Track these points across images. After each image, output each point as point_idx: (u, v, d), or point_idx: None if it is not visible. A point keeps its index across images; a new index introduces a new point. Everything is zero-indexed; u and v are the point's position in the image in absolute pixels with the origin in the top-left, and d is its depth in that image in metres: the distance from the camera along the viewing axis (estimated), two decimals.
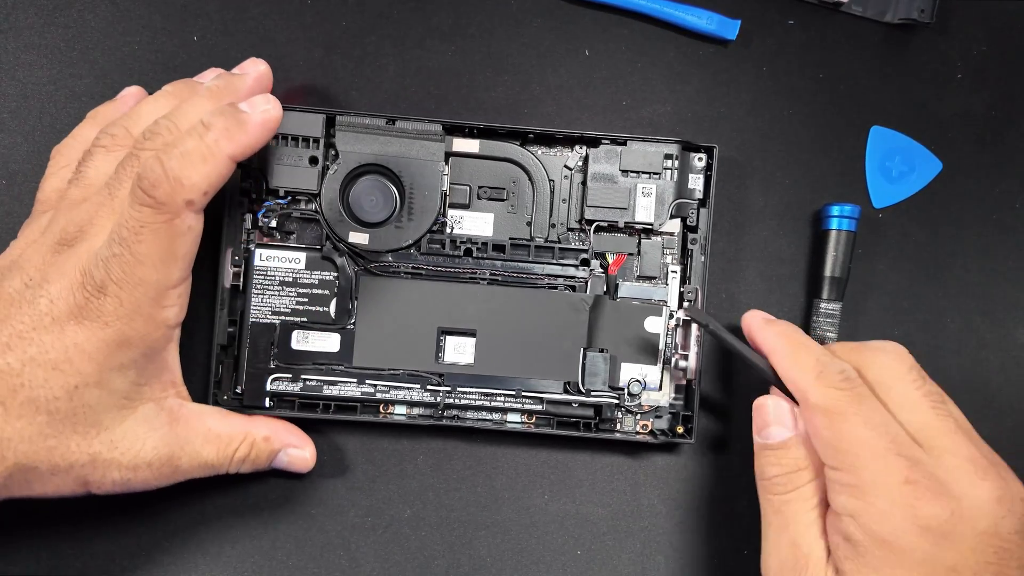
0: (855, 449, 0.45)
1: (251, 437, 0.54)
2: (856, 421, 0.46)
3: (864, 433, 0.45)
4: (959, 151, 0.61)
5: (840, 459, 0.46)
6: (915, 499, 0.43)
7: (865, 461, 0.45)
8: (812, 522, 0.48)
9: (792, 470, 0.49)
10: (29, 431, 0.46)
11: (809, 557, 0.47)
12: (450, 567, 0.58)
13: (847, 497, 0.45)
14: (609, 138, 0.57)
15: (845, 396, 0.47)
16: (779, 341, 0.51)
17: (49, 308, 0.46)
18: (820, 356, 0.49)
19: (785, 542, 0.49)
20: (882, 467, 0.44)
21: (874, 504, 0.44)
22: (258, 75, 0.55)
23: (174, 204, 0.46)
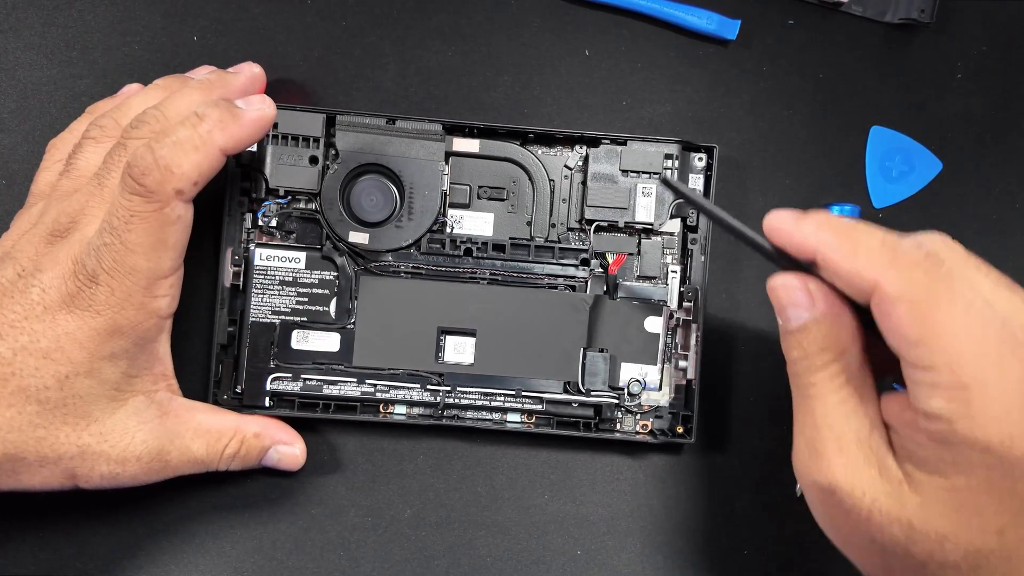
0: (955, 344, 0.37)
1: (241, 433, 0.54)
2: (953, 308, 0.37)
3: (966, 321, 0.37)
4: (959, 151, 0.61)
5: (934, 357, 0.37)
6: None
7: (971, 357, 0.37)
8: (842, 401, 0.42)
9: (814, 351, 0.43)
10: (19, 420, 0.47)
11: (842, 437, 0.42)
12: (450, 567, 0.58)
13: (943, 401, 0.37)
14: (609, 138, 0.57)
15: (936, 275, 0.38)
16: (823, 232, 0.42)
17: (41, 297, 0.47)
18: (884, 235, 0.41)
19: (810, 424, 0.43)
20: (994, 363, 0.37)
21: (983, 408, 0.36)
22: (252, 75, 0.56)
23: (163, 192, 0.46)
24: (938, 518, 0.39)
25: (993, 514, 0.38)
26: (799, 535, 0.59)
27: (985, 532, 0.38)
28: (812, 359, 0.43)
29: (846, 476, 0.41)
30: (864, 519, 0.40)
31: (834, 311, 0.43)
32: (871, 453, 0.41)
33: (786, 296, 0.43)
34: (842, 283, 0.41)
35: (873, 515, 0.40)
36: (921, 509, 0.39)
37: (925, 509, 0.39)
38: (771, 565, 0.59)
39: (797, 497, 0.58)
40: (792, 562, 0.59)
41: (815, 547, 0.59)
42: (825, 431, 0.42)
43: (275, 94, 0.57)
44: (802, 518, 0.58)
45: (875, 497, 0.40)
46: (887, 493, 0.40)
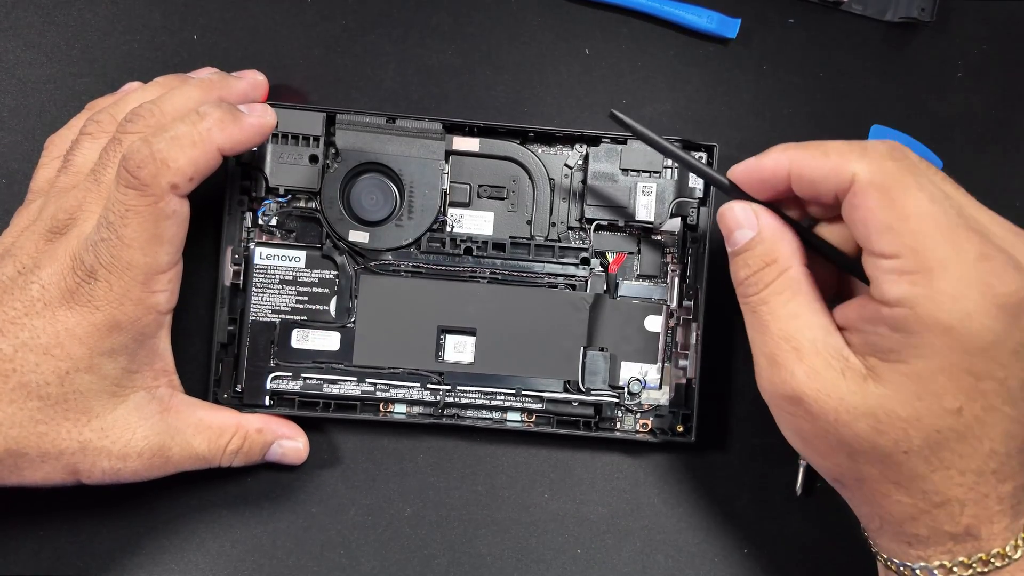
0: (921, 227, 0.40)
1: (243, 429, 0.54)
2: (920, 195, 0.40)
3: (930, 208, 0.40)
4: (959, 150, 0.61)
5: (900, 242, 0.40)
6: (992, 275, 0.39)
7: (934, 240, 0.40)
8: (795, 313, 0.45)
9: (759, 267, 0.46)
10: (20, 416, 0.47)
11: (799, 347, 0.44)
12: (450, 566, 0.58)
13: (906, 285, 0.40)
14: (609, 137, 0.57)
15: (903, 167, 0.41)
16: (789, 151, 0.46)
17: (41, 294, 0.47)
18: (847, 142, 0.44)
19: (768, 340, 0.45)
20: (953, 243, 0.40)
21: (943, 288, 0.39)
22: (255, 81, 0.56)
23: (158, 186, 0.46)
24: (902, 405, 0.41)
25: (952, 394, 0.40)
26: (799, 534, 0.59)
27: (945, 413, 0.41)
28: (759, 275, 0.46)
29: (809, 382, 0.43)
30: (832, 421, 0.43)
31: (776, 228, 0.46)
32: (830, 356, 0.43)
33: (732, 218, 0.47)
34: (816, 188, 0.44)
35: (840, 415, 0.42)
36: (885, 399, 0.41)
37: (889, 399, 0.41)
38: (771, 564, 0.59)
39: (797, 496, 0.58)
40: (792, 561, 0.59)
41: (815, 546, 0.59)
42: (782, 343, 0.44)
43: (275, 93, 0.58)
44: (802, 516, 0.58)
45: (840, 396, 0.42)
46: (851, 391, 0.42)
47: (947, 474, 0.42)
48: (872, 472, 0.43)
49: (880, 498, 0.44)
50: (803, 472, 0.58)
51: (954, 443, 0.41)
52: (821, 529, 0.59)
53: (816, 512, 0.59)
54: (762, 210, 0.47)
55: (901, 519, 0.44)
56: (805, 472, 0.58)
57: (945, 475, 0.42)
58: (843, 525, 0.58)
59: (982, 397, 0.40)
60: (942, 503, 0.42)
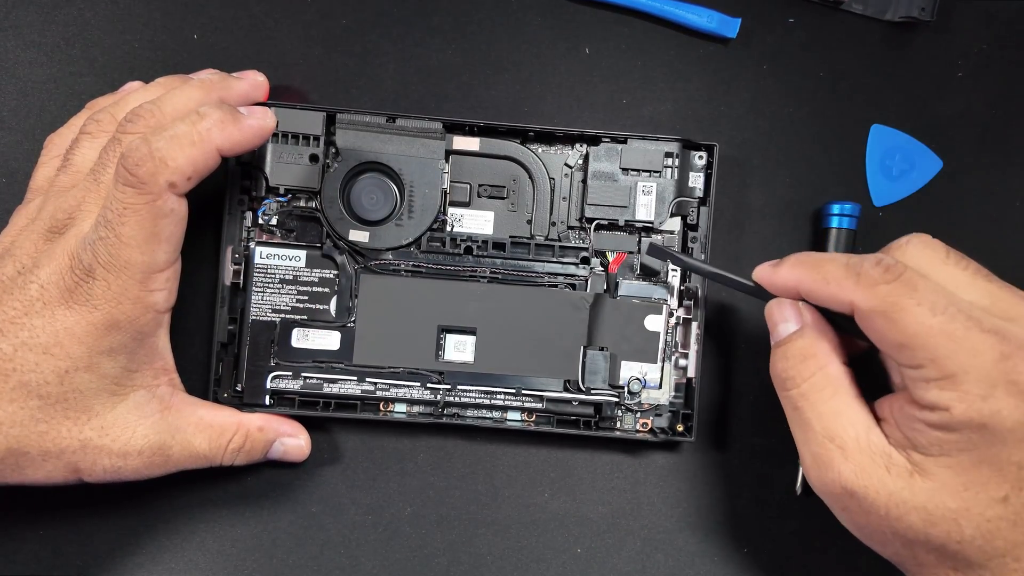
0: (931, 341, 0.41)
1: (245, 427, 0.54)
2: (919, 311, 0.42)
3: (934, 321, 0.41)
4: (959, 149, 0.61)
5: (917, 356, 0.42)
6: (1016, 373, 0.40)
7: (947, 350, 0.41)
8: (837, 410, 0.46)
9: (798, 360, 0.48)
10: (21, 415, 0.47)
11: (844, 445, 0.45)
12: (450, 565, 0.58)
13: (937, 391, 0.41)
14: (609, 136, 0.57)
15: (896, 288, 0.43)
16: (796, 270, 0.48)
17: (40, 293, 0.47)
18: (848, 260, 0.45)
19: (811, 437, 0.46)
20: (968, 350, 0.41)
21: (969, 390, 0.41)
22: (255, 82, 0.56)
23: (156, 184, 0.46)
24: (950, 497, 0.42)
25: (996, 483, 0.41)
26: (799, 533, 0.59)
27: (992, 501, 0.41)
28: (798, 368, 0.47)
29: (858, 480, 0.44)
30: (883, 515, 0.44)
31: (818, 325, 0.48)
32: (875, 453, 0.44)
33: (778, 313, 0.49)
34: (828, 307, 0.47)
35: (891, 509, 0.43)
36: (934, 493, 0.42)
37: (937, 492, 0.42)
38: (771, 563, 0.59)
39: (797, 495, 0.58)
40: (792, 560, 0.59)
41: (815, 545, 0.59)
42: (827, 442, 0.46)
43: (275, 93, 0.58)
44: (802, 516, 0.58)
45: (889, 492, 0.43)
46: (899, 487, 0.43)
47: (1002, 561, 0.42)
48: (930, 559, 0.44)
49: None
50: (803, 472, 0.58)
51: (1007, 531, 0.42)
52: (821, 529, 0.59)
53: (816, 512, 0.59)
54: (807, 308, 0.48)
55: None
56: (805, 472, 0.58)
57: (1001, 563, 0.42)
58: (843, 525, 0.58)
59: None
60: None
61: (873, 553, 0.50)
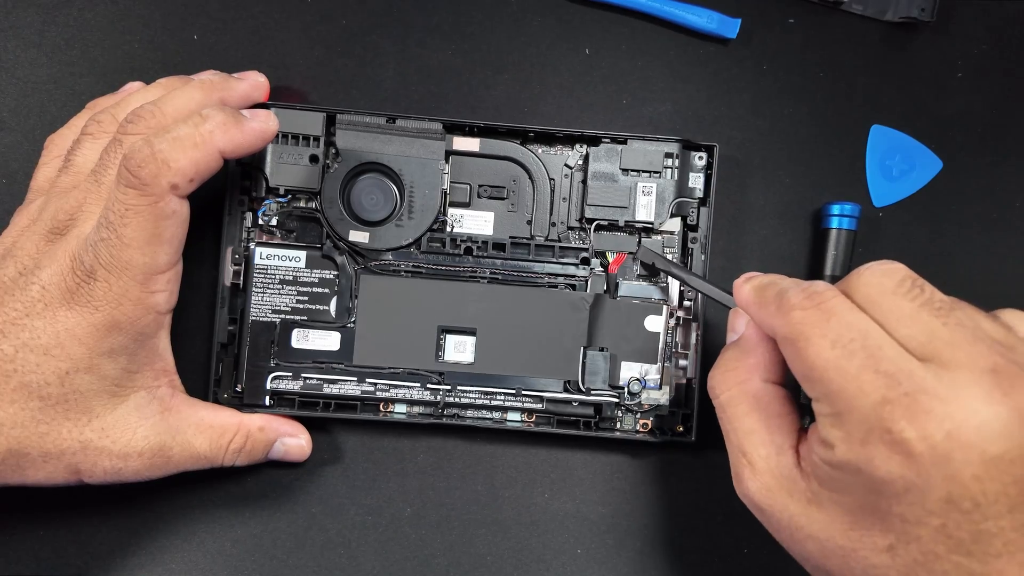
0: (826, 375, 0.40)
1: (245, 428, 0.54)
2: (821, 343, 0.40)
3: (831, 354, 0.40)
4: (959, 150, 0.61)
5: (815, 388, 0.41)
6: (891, 422, 0.37)
7: (837, 386, 0.39)
8: (750, 429, 0.46)
9: (721, 371, 0.48)
10: (22, 416, 0.47)
11: (753, 463, 0.45)
12: (450, 565, 0.58)
13: (828, 427, 0.40)
14: (610, 137, 0.57)
15: (808, 316, 0.41)
16: (748, 292, 0.47)
17: (41, 295, 0.47)
18: (784, 284, 0.45)
19: (729, 449, 0.47)
20: (855, 389, 0.39)
21: (851, 431, 0.39)
22: (256, 83, 0.56)
23: (158, 186, 0.46)
24: (839, 534, 0.41)
25: (880, 532, 0.39)
26: None
27: (877, 549, 0.40)
28: (720, 379, 0.48)
29: (763, 497, 0.45)
30: (788, 535, 0.44)
31: (751, 340, 0.48)
32: (782, 475, 0.44)
33: (730, 322, 0.50)
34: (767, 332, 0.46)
35: (792, 532, 0.43)
36: (825, 526, 0.42)
37: (828, 526, 0.41)
38: (771, 563, 0.59)
39: None
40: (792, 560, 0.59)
41: None
42: (740, 456, 0.46)
43: (275, 94, 0.58)
44: None
45: (791, 516, 0.43)
46: (799, 512, 0.43)
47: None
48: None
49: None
50: None
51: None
52: None
53: None
54: (751, 323, 0.48)
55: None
56: None
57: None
58: None
59: (916, 541, 0.38)
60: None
61: None
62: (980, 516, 0.37)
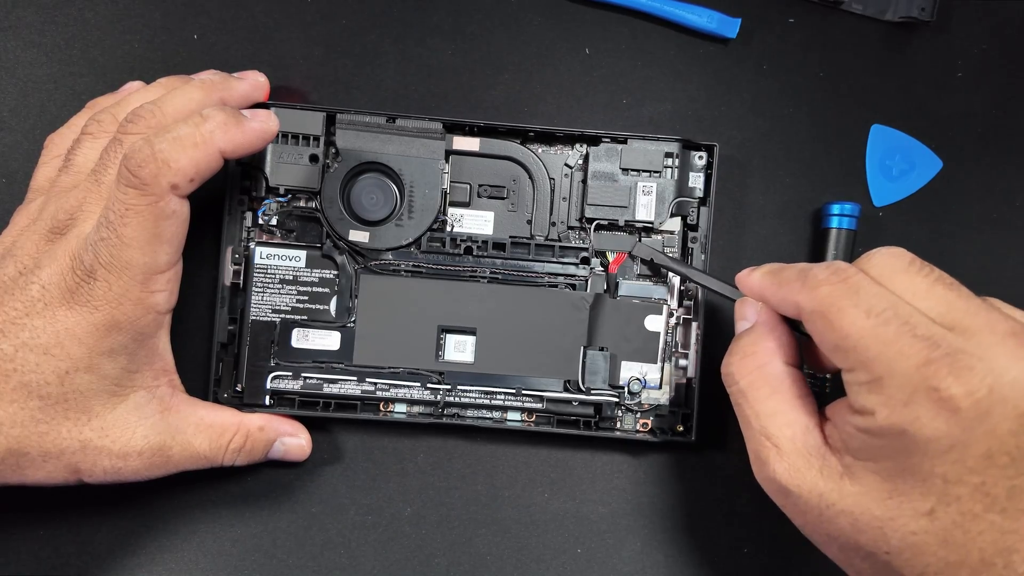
0: (862, 343, 0.41)
1: (245, 427, 0.54)
2: (855, 313, 0.41)
3: (867, 323, 0.41)
4: (959, 149, 0.61)
5: (850, 358, 0.42)
6: (937, 380, 0.38)
7: (875, 352, 0.40)
8: (774, 410, 0.46)
9: (740, 357, 0.48)
10: (21, 416, 0.47)
11: (779, 444, 0.45)
12: (450, 565, 0.58)
13: (865, 394, 0.41)
14: (609, 136, 0.57)
15: (837, 290, 0.43)
16: (764, 277, 0.48)
17: (41, 294, 0.47)
18: (802, 266, 0.46)
19: (751, 435, 0.47)
20: (895, 353, 0.40)
21: (893, 395, 0.40)
22: (256, 83, 0.56)
23: (158, 186, 0.46)
24: (876, 505, 0.41)
25: (921, 495, 0.40)
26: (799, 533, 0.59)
27: (917, 514, 0.40)
28: (739, 364, 0.48)
29: (791, 479, 0.45)
30: (816, 516, 0.44)
31: (769, 325, 0.49)
32: (810, 454, 0.45)
33: (739, 311, 0.50)
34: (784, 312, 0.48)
35: (822, 511, 0.43)
36: (861, 498, 0.42)
37: (864, 497, 0.42)
38: (771, 563, 0.59)
39: None
40: (792, 561, 0.59)
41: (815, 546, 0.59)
42: (764, 440, 0.46)
43: (275, 93, 0.58)
44: None
45: (820, 494, 0.43)
46: (830, 488, 0.43)
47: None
48: (865, 568, 0.44)
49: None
50: None
51: (936, 548, 0.40)
52: None
53: None
54: (764, 308, 0.49)
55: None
56: None
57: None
58: None
59: (956, 502, 0.39)
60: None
61: None
62: (1015, 471, 0.38)
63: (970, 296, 0.42)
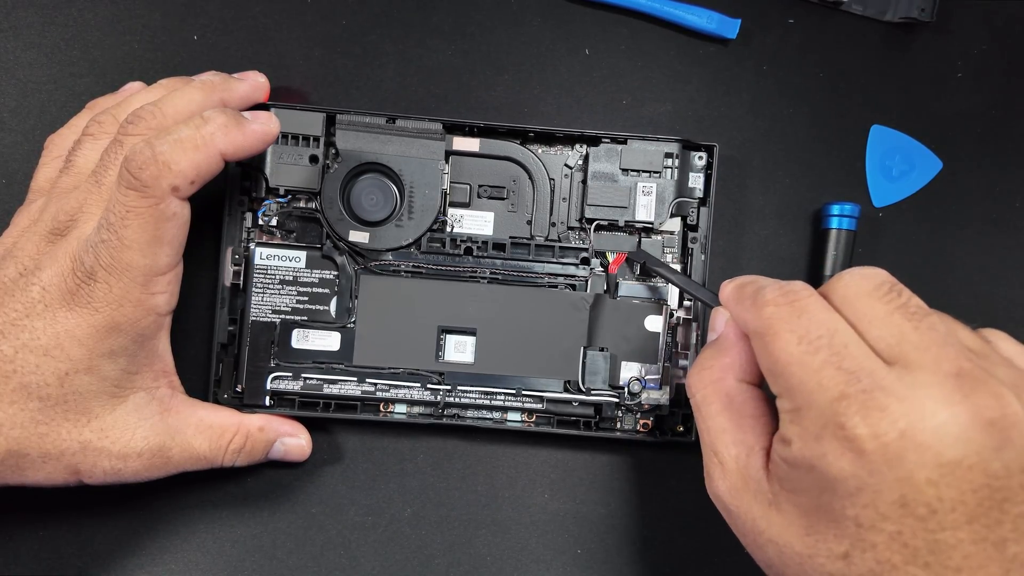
0: (788, 369, 0.40)
1: (245, 428, 0.54)
2: (788, 338, 0.40)
3: (796, 349, 0.40)
4: (959, 150, 0.61)
5: (778, 383, 0.41)
6: (845, 417, 0.37)
7: (798, 380, 0.40)
8: (722, 428, 0.46)
9: (698, 369, 0.48)
10: (21, 417, 0.47)
11: (724, 462, 0.45)
12: (450, 566, 0.58)
13: (787, 423, 0.40)
14: (609, 137, 0.57)
15: (780, 312, 0.42)
16: (730, 291, 0.47)
17: (42, 296, 0.47)
18: (763, 282, 0.45)
19: (703, 448, 0.47)
20: (815, 384, 0.39)
21: (807, 427, 0.39)
22: (256, 84, 0.56)
23: (159, 188, 0.46)
24: (796, 540, 0.41)
25: (835, 537, 0.39)
26: None
27: (833, 556, 0.39)
28: (696, 377, 0.48)
29: (731, 498, 0.45)
30: (751, 540, 0.44)
31: (728, 339, 0.48)
32: (748, 476, 0.44)
33: (711, 321, 0.50)
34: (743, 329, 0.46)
35: (755, 536, 0.43)
36: (784, 530, 0.41)
37: (787, 530, 0.41)
38: None
39: None
40: None
41: None
42: (711, 455, 0.46)
43: (275, 94, 0.58)
44: None
45: (754, 518, 0.43)
46: (760, 515, 0.43)
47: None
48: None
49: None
50: None
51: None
52: None
53: None
54: (730, 322, 0.48)
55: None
56: None
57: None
58: None
59: (872, 549, 0.38)
60: None
61: None
62: (936, 524, 0.36)
63: (929, 329, 0.39)
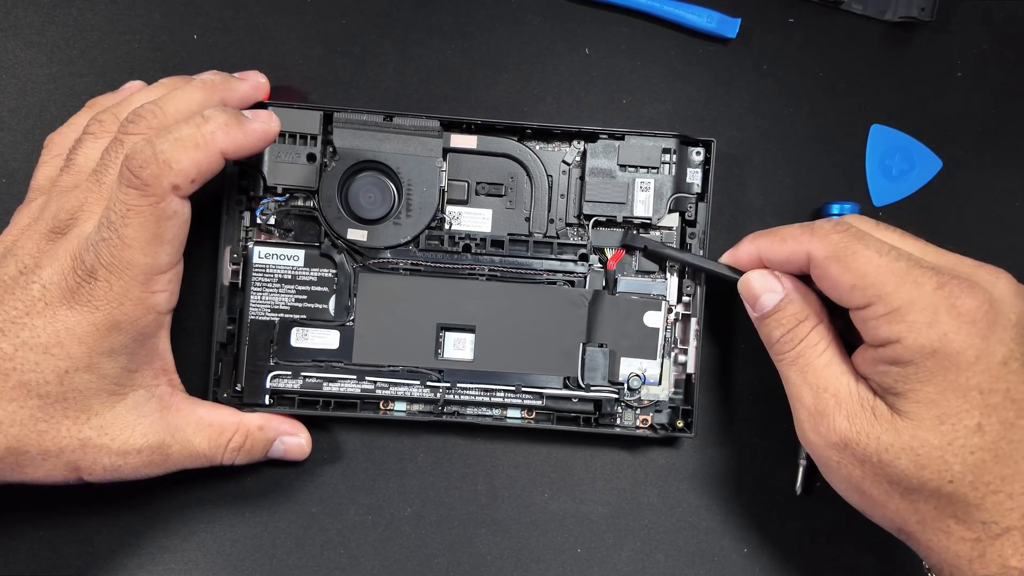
0: (879, 279, 0.45)
1: (245, 426, 0.54)
2: (869, 254, 0.46)
3: (881, 261, 0.46)
4: (959, 149, 0.61)
5: (868, 294, 0.46)
6: (953, 298, 0.44)
7: (893, 285, 0.45)
8: (829, 362, 0.49)
9: (793, 324, 0.50)
10: (21, 414, 0.47)
11: (838, 394, 0.48)
12: (450, 565, 0.58)
13: (887, 326, 0.45)
14: (607, 133, 0.57)
15: (847, 236, 0.47)
16: (755, 241, 0.53)
17: (42, 294, 0.47)
18: (800, 225, 0.51)
19: (807, 392, 0.49)
20: (911, 283, 0.45)
21: (916, 319, 0.44)
22: (256, 84, 0.56)
23: (160, 187, 0.46)
24: (930, 433, 0.45)
25: (967, 411, 0.44)
26: (799, 532, 0.59)
27: (969, 431, 0.44)
28: (795, 331, 0.50)
29: (851, 427, 0.47)
30: (876, 463, 0.46)
31: (800, 287, 0.51)
32: (863, 400, 0.47)
33: (758, 285, 0.52)
34: (784, 267, 0.51)
35: (882, 455, 0.46)
36: (915, 431, 0.45)
37: (918, 430, 0.45)
38: (771, 562, 0.59)
39: (797, 495, 0.58)
40: (792, 559, 0.59)
41: (815, 545, 0.59)
42: (822, 392, 0.48)
43: (275, 93, 0.58)
44: (802, 516, 0.58)
45: (878, 437, 0.46)
46: (885, 430, 0.46)
47: (996, 499, 0.44)
48: (928, 510, 0.46)
49: (943, 538, 0.46)
50: (803, 471, 0.58)
51: (991, 464, 0.44)
52: (821, 529, 0.59)
53: (816, 512, 0.59)
54: (785, 275, 0.52)
55: (969, 558, 0.45)
56: (805, 471, 0.58)
57: (995, 500, 0.44)
58: (843, 525, 0.58)
59: (995, 411, 0.44)
60: (1001, 533, 0.44)
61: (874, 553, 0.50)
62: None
63: (927, 244, 0.49)
